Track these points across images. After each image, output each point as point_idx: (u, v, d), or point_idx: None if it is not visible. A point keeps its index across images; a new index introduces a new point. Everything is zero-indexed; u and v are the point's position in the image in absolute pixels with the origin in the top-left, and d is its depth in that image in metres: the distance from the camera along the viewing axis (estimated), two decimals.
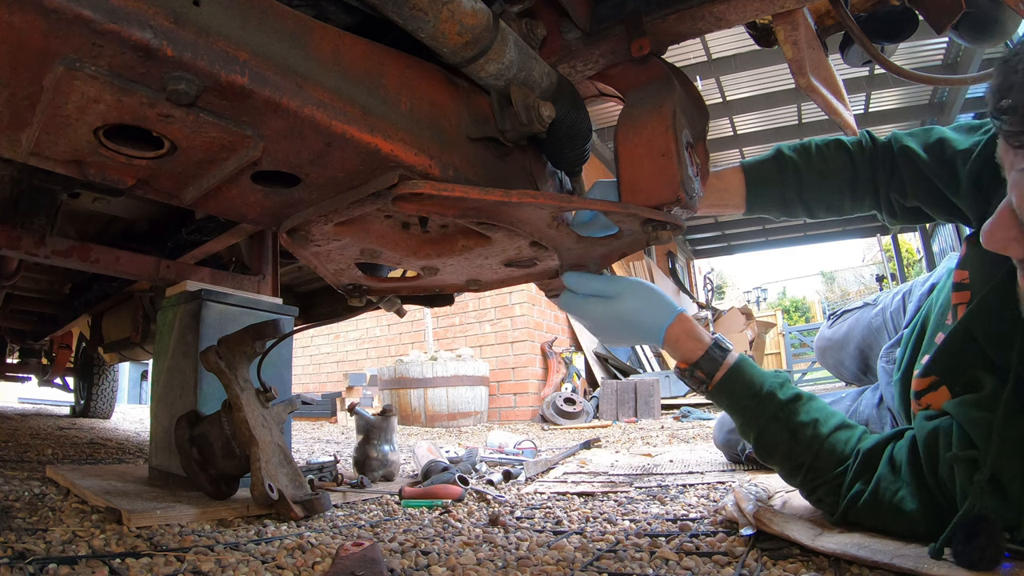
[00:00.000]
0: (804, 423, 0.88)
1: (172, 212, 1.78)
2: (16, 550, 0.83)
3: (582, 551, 0.88)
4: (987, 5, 0.92)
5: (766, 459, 0.94)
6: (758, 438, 0.91)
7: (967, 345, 0.85)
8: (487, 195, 0.68)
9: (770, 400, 0.89)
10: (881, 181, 1.02)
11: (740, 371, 0.91)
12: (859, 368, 1.65)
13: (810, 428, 0.88)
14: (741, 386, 0.90)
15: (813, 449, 0.87)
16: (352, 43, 0.65)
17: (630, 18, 0.81)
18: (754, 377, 0.90)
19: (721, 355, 0.91)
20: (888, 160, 1.02)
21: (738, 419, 0.93)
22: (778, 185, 1.05)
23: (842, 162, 1.04)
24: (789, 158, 1.05)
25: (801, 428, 0.88)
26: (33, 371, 4.41)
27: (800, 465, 0.88)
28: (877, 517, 0.82)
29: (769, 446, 0.91)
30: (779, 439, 0.89)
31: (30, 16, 0.44)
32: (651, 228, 0.79)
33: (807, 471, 0.88)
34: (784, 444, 0.89)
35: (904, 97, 6.72)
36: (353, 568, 0.72)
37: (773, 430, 0.89)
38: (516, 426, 4.47)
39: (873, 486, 0.82)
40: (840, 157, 1.04)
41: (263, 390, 1.29)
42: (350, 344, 6.74)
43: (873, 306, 1.63)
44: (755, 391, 0.89)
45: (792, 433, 0.88)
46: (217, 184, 0.69)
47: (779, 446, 0.89)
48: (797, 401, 0.89)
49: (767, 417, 0.89)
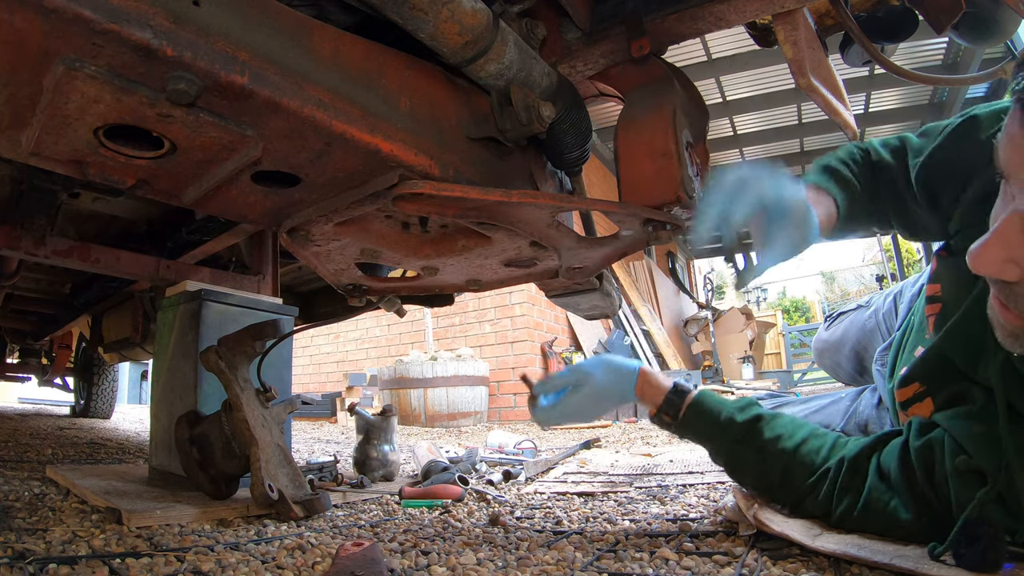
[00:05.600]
0: (768, 440, 0.90)
1: (172, 212, 1.78)
2: (16, 550, 0.83)
3: (582, 551, 0.88)
4: (987, 5, 0.92)
5: (741, 483, 0.98)
6: (727, 463, 0.96)
7: (944, 363, 0.86)
8: (487, 195, 0.68)
9: (730, 426, 0.93)
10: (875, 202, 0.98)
11: (699, 405, 0.96)
12: (855, 370, 1.66)
13: (775, 444, 0.90)
14: (702, 419, 0.95)
15: (782, 463, 0.89)
16: (352, 43, 0.65)
17: (630, 18, 0.81)
18: (712, 408, 0.95)
19: (680, 396, 0.97)
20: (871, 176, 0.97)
21: (708, 448, 0.98)
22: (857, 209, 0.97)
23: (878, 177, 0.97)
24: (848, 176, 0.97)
25: (766, 446, 0.90)
26: (33, 371, 4.40)
27: (772, 483, 0.90)
28: (871, 525, 0.81)
29: (740, 470, 0.95)
30: (747, 461, 0.92)
31: (30, 16, 0.44)
32: (651, 228, 0.79)
33: (780, 487, 0.90)
34: (752, 465, 0.92)
35: (904, 97, 6.72)
36: (353, 568, 0.72)
37: (739, 453, 0.93)
38: (516, 426, 4.47)
39: (865, 496, 0.81)
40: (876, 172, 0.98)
41: (263, 390, 1.29)
42: (350, 344, 6.74)
43: (866, 308, 1.64)
44: (715, 420, 0.94)
45: (758, 452, 0.91)
46: (217, 184, 0.69)
47: (749, 468, 0.93)
48: (759, 422, 0.92)
49: (731, 442, 0.93)
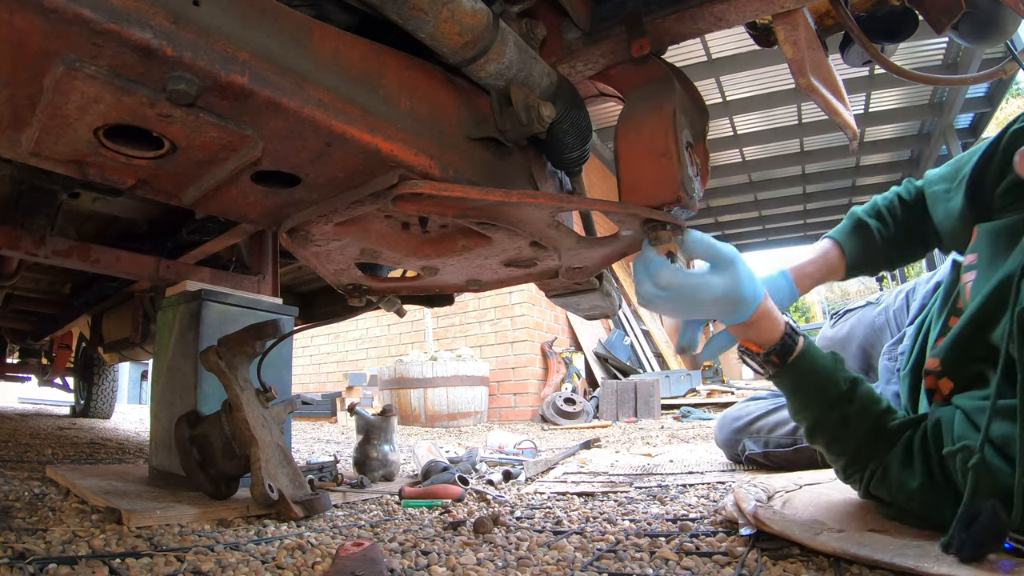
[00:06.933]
0: (855, 411, 0.90)
1: (172, 212, 1.78)
2: (16, 550, 0.83)
3: (582, 551, 0.88)
4: (987, 5, 0.92)
5: (812, 441, 0.96)
6: (814, 424, 0.93)
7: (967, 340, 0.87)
8: (487, 195, 0.68)
9: (833, 387, 0.90)
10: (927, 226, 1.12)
11: (814, 353, 0.90)
12: (861, 367, 1.66)
13: (859, 418, 0.90)
14: (810, 371, 0.90)
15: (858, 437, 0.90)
16: (352, 43, 0.65)
17: (630, 18, 0.81)
18: (819, 361, 0.90)
19: (796, 336, 0.90)
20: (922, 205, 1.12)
21: (797, 403, 0.94)
22: (871, 254, 1.15)
23: (907, 215, 1.14)
24: (872, 226, 1.14)
25: (853, 416, 0.90)
26: (33, 371, 4.40)
27: (844, 452, 0.92)
28: (885, 490, 0.88)
29: (822, 431, 0.93)
30: (832, 426, 0.91)
31: (30, 16, 0.44)
32: (651, 228, 0.79)
33: (852, 456, 0.91)
34: (834, 431, 0.92)
35: (904, 97, 6.72)
36: (353, 568, 0.72)
37: (830, 418, 0.91)
38: (516, 426, 4.47)
39: (887, 465, 0.87)
40: (905, 212, 1.15)
41: (263, 390, 1.29)
42: (350, 344, 6.74)
43: (876, 305, 1.64)
44: (821, 377, 0.90)
45: (843, 421, 0.90)
46: (217, 184, 0.69)
47: (830, 431, 0.92)
48: (854, 389, 0.91)
49: (826, 406, 0.90)
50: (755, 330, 0.88)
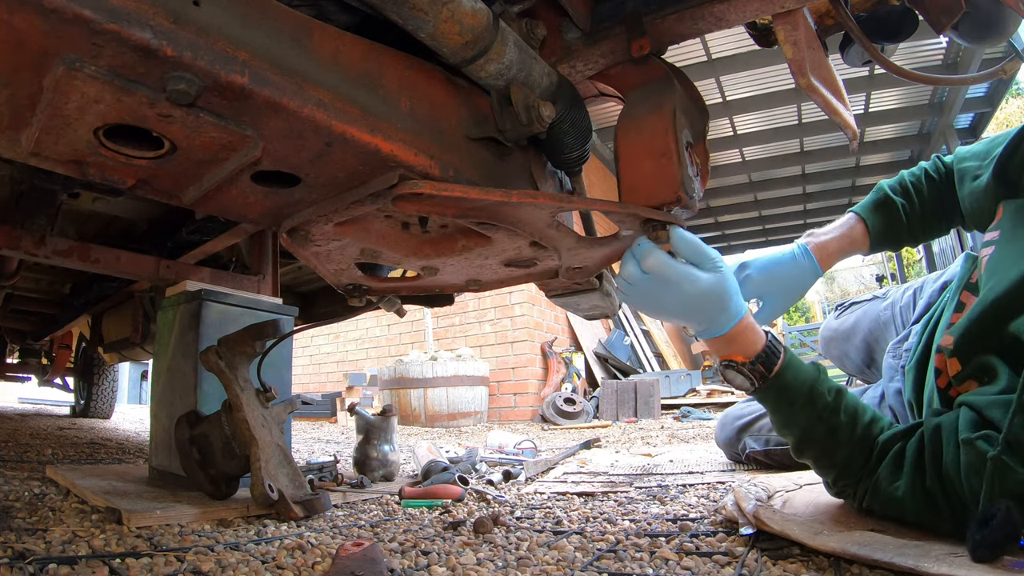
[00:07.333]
0: (843, 423, 0.88)
1: (172, 212, 1.78)
2: (16, 550, 0.83)
3: (582, 551, 0.88)
4: (987, 5, 0.92)
5: (800, 456, 0.93)
6: (801, 436, 0.90)
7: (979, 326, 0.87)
8: (487, 195, 0.68)
9: (819, 398, 0.88)
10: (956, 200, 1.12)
11: (796, 365, 0.88)
12: (863, 361, 1.64)
13: (847, 429, 0.88)
14: (795, 381, 0.88)
15: (846, 449, 0.88)
16: (352, 43, 0.65)
17: (630, 18, 0.81)
18: (801, 373, 0.88)
19: (779, 347, 0.88)
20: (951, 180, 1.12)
21: (783, 416, 0.91)
22: (895, 231, 1.15)
23: (934, 192, 1.14)
24: (898, 202, 1.14)
25: (840, 427, 0.88)
26: (33, 371, 4.41)
27: (834, 464, 0.90)
28: (877, 503, 0.86)
29: (810, 443, 0.90)
30: (820, 437, 0.89)
31: (30, 16, 0.44)
32: (651, 228, 0.79)
33: (841, 468, 0.89)
34: (823, 443, 0.89)
35: (904, 97, 6.72)
36: (353, 568, 0.72)
37: (817, 428, 0.88)
38: (516, 426, 4.47)
39: (877, 476, 0.86)
40: (931, 188, 1.14)
41: (263, 390, 1.29)
42: (350, 344, 6.74)
43: (882, 299, 1.62)
44: (807, 388, 0.87)
45: (831, 432, 0.88)
46: (217, 184, 0.69)
47: (819, 444, 0.90)
48: (839, 399, 0.89)
49: (813, 417, 0.88)
50: (737, 343, 0.86)
